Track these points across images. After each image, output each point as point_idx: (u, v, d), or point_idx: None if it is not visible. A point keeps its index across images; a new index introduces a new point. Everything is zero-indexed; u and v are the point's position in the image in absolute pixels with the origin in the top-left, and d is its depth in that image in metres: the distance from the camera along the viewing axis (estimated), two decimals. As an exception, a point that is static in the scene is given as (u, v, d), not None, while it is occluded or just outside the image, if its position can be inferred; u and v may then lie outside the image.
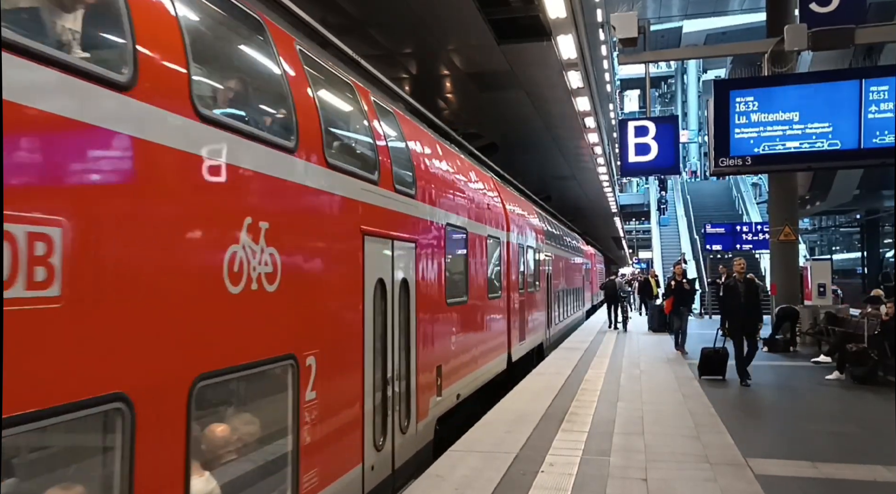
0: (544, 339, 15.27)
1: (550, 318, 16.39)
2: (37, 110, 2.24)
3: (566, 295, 20.68)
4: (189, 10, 3.23)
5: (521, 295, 12.00)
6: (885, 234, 38.24)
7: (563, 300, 19.85)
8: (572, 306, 22.91)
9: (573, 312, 23.18)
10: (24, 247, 2.12)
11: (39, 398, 2.19)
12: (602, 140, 21.15)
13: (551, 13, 10.18)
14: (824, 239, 50.60)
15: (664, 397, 9.12)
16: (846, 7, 10.35)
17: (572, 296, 22.87)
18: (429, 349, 6.72)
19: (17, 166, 2.15)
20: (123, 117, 2.61)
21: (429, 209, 6.85)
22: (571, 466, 5.77)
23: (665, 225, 42.28)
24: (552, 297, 16.72)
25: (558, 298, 18.38)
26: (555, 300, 17.37)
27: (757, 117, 10.68)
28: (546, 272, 15.58)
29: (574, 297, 23.76)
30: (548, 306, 15.91)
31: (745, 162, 10.86)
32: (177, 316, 2.87)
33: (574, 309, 23.67)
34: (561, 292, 19.01)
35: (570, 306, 22.05)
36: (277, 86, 4.04)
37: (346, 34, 10.82)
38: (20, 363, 2.05)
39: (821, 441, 6.91)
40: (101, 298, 2.46)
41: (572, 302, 22.89)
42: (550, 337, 16.29)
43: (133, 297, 2.62)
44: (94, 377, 2.42)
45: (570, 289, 22.02)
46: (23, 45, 2.18)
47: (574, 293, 23.68)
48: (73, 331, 2.34)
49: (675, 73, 72.45)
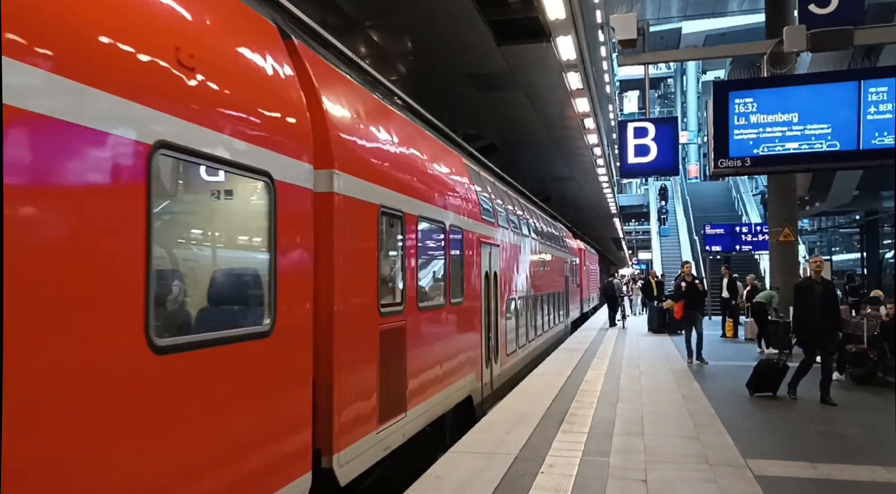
0: (478, 385, 8.93)
1: (497, 344, 10.15)
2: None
3: (534, 306, 14.13)
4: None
5: (403, 317, 5.90)
6: (885, 235, 38.25)
7: (528, 314, 13.42)
8: (545, 319, 15.91)
9: (546, 327, 16.15)
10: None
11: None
12: (601, 141, 21.15)
13: (551, 14, 10.19)
14: (824, 240, 50.61)
15: (664, 397, 9.12)
16: (845, 8, 10.35)
17: (546, 305, 16.04)
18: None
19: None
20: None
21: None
22: (571, 467, 5.77)
23: (665, 235, 42.02)
24: (500, 311, 10.38)
25: (517, 311, 12.09)
26: (507, 315, 11.11)
27: (756, 119, 10.68)
28: (489, 272, 9.58)
29: (550, 306, 16.84)
30: (489, 327, 9.53)
31: (745, 163, 10.86)
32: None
33: (550, 323, 16.81)
34: (522, 301, 12.58)
35: (540, 321, 15.09)
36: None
37: (346, 35, 10.84)
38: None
39: (820, 441, 6.92)
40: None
41: (545, 314, 15.86)
42: (498, 376, 10.24)
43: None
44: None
45: (542, 296, 15.33)
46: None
47: (550, 301, 16.78)
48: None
49: (675, 74, 72.47)
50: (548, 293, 16.39)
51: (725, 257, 25.86)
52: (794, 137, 10.59)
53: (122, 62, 2.77)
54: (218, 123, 3.32)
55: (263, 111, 3.80)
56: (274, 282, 3.76)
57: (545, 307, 15.98)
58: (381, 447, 5.23)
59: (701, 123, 62.48)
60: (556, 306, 18.24)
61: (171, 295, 3.36)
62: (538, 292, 14.78)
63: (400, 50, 12.59)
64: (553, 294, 17.50)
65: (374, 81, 7.16)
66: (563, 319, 19.93)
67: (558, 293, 18.68)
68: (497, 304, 10.15)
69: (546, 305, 16.12)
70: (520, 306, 12.42)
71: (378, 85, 7.19)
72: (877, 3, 17.16)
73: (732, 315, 17.83)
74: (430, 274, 7.22)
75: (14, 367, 2.20)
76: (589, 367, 12.09)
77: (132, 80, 2.78)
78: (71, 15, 2.56)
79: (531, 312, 13.87)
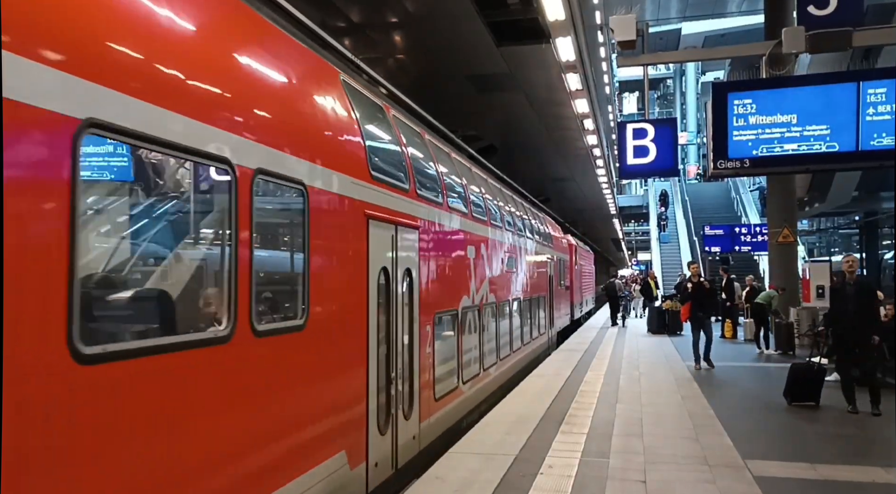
0: (355, 471, 5.00)
1: (413, 388, 6.52)
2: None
3: (495, 317, 10.59)
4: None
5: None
6: (884, 236, 38.25)
7: (485, 330, 9.89)
8: (515, 335, 12.31)
9: (518, 345, 12.50)
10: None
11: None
12: (601, 142, 21.18)
13: (550, 15, 10.20)
14: (823, 241, 50.62)
15: (663, 398, 9.13)
16: (844, 9, 10.37)
17: (517, 316, 12.50)
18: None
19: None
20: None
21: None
22: (570, 468, 5.78)
23: (665, 242, 41.86)
24: (420, 332, 6.73)
25: (461, 328, 8.46)
26: (437, 338, 7.44)
27: (755, 120, 10.70)
28: (391, 270, 5.99)
29: (525, 315, 13.37)
30: (390, 360, 5.90)
31: (744, 164, 10.87)
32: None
33: (523, 338, 13.20)
34: (471, 313, 9.04)
35: (506, 339, 11.44)
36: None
37: (346, 37, 10.86)
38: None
39: (819, 442, 6.93)
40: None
41: (514, 328, 12.24)
42: (415, 439, 6.54)
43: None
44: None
45: (509, 303, 11.64)
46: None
47: (524, 309, 13.26)
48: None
49: (674, 74, 72.53)
50: (520, 299, 12.73)
51: (723, 257, 25.87)
52: (793, 138, 10.60)
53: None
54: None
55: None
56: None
57: (515, 318, 12.24)
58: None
59: (700, 124, 62.55)
60: (534, 314, 14.52)
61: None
62: (504, 299, 11.08)
63: (400, 51, 12.61)
64: (529, 300, 13.77)
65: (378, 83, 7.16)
66: (544, 330, 16.10)
67: (538, 299, 14.92)
68: (413, 321, 6.39)
69: (517, 315, 12.46)
70: (467, 321, 8.71)
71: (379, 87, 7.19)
72: (875, 5, 17.18)
73: (731, 316, 17.85)
74: (189, 274, 4.02)
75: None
76: (588, 368, 12.09)
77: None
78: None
79: (489, 327, 10.16)
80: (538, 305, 15.20)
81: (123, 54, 2.92)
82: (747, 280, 17.84)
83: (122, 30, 2.95)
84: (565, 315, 20.82)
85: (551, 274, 17.05)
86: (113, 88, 2.75)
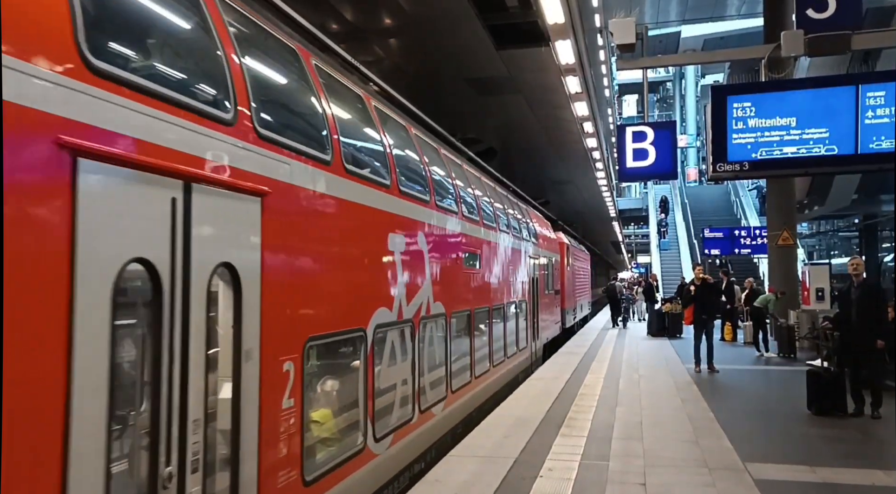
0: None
1: (266, 475, 3.73)
2: None
3: (458, 331, 8.31)
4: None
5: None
6: (884, 239, 38.30)
7: (437, 351, 7.47)
8: (485, 352, 9.80)
9: (485, 368, 9.73)
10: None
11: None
12: (601, 145, 21.19)
13: (550, 19, 10.22)
14: (823, 243, 50.66)
15: (663, 401, 9.12)
16: (843, 13, 10.40)
17: (489, 327, 9.95)
18: None
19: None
20: None
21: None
22: (570, 471, 5.78)
23: (665, 249, 41.76)
24: (264, 377, 3.76)
25: (388, 349, 5.92)
26: (326, 372, 5.11)
27: (754, 123, 10.72)
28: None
29: (500, 326, 10.85)
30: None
31: (743, 167, 10.90)
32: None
33: (498, 355, 10.62)
34: (381, 335, 5.67)
35: (467, 360, 8.82)
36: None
37: (346, 41, 10.88)
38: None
39: (819, 445, 6.93)
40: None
41: (486, 344, 9.83)
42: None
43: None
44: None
45: (464, 315, 8.62)
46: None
47: (502, 318, 10.92)
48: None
49: (674, 77, 72.64)
50: (488, 308, 9.82)
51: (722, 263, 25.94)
52: (793, 141, 10.63)
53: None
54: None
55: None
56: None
57: (478, 334, 9.28)
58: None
59: (700, 127, 62.63)
60: (509, 327, 11.45)
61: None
62: (459, 308, 8.18)
63: (399, 54, 12.63)
64: (502, 309, 10.88)
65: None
66: (525, 344, 13.12)
67: (515, 306, 11.98)
68: (243, 360, 3.64)
69: (482, 329, 9.55)
70: (386, 345, 5.88)
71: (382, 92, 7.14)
72: (874, 8, 17.22)
73: (731, 319, 17.85)
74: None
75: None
76: (588, 370, 12.08)
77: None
78: None
79: (431, 351, 7.19)
80: (515, 314, 12.11)
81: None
82: (746, 283, 17.85)
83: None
84: (554, 324, 18.07)
85: (535, 276, 14.36)
86: None
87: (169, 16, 3.54)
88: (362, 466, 5.13)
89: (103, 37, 2.86)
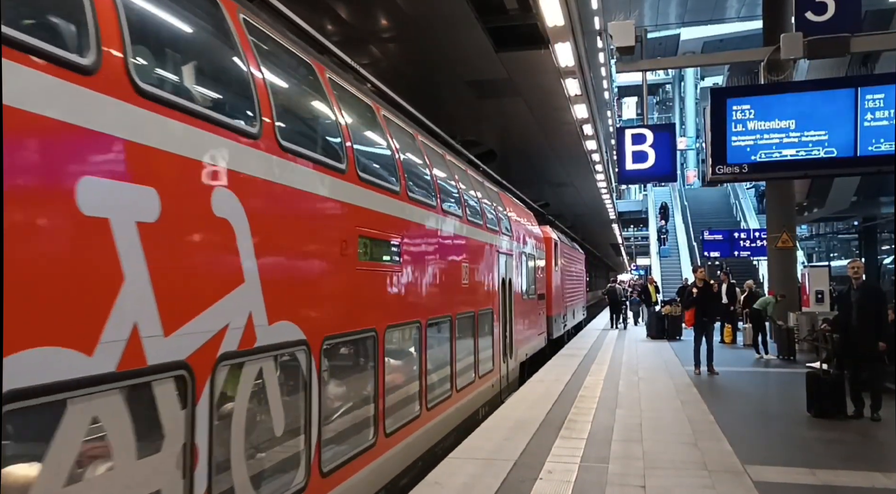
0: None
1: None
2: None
3: (352, 364, 5.67)
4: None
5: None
6: (883, 241, 38.31)
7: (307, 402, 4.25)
8: (398, 397, 6.31)
9: (396, 424, 6.00)
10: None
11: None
12: (600, 147, 21.22)
13: (549, 21, 10.24)
14: (822, 246, 50.67)
15: (662, 404, 9.12)
16: (842, 15, 10.40)
17: (414, 353, 6.82)
18: None
19: None
20: None
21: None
22: (570, 473, 5.78)
23: (665, 256, 41.61)
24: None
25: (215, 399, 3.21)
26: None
27: (753, 125, 10.72)
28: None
29: (443, 347, 7.84)
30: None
31: (742, 170, 10.89)
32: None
33: (436, 392, 7.41)
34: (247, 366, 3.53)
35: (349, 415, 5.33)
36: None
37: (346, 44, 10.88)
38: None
39: (819, 447, 6.93)
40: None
41: (403, 382, 6.54)
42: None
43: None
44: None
45: (397, 329, 6.09)
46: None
47: (449, 337, 7.98)
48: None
49: (673, 80, 72.76)
50: (416, 323, 6.69)
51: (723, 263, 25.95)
52: (792, 143, 10.63)
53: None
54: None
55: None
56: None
57: (385, 367, 5.80)
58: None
59: (699, 129, 62.70)
60: (457, 347, 8.22)
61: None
62: (350, 328, 5.13)
63: (399, 56, 12.64)
64: (449, 323, 7.94)
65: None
66: (489, 368, 10.07)
67: (472, 318, 9.01)
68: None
69: (401, 356, 6.64)
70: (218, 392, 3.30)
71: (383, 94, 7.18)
72: (873, 11, 17.25)
73: (731, 321, 17.85)
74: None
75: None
76: (588, 373, 12.09)
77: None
78: None
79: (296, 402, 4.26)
80: (472, 327, 9.11)
81: None
82: (746, 285, 17.86)
83: None
84: (537, 336, 15.08)
85: (508, 277, 11.51)
86: None
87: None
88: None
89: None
